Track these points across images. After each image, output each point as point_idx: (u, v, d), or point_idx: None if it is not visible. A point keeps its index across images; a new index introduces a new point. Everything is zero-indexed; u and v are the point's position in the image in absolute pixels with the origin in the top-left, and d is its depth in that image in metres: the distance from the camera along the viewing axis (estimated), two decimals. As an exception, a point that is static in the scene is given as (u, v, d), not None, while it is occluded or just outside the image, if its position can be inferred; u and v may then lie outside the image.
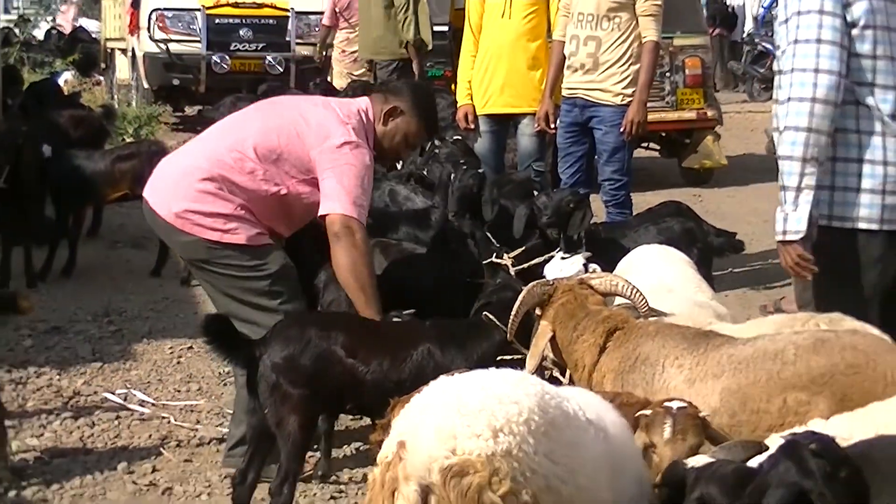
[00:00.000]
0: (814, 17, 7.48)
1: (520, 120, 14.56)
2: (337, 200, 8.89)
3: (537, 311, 7.54)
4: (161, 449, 9.97)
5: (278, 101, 10.50)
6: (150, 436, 10.28)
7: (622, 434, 6.07)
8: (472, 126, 14.88)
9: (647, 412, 6.31)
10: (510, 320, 7.57)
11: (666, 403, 6.31)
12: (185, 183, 9.22)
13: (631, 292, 7.63)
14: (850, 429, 6.00)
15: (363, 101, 9.66)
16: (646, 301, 7.61)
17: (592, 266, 8.43)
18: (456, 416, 5.37)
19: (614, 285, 7.69)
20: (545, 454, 5.37)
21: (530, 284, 7.72)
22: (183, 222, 9.08)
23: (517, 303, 7.54)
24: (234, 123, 9.98)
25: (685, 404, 6.28)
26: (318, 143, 9.14)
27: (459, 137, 14.96)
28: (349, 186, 8.90)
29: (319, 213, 9.05)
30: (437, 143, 14.23)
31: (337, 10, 22.32)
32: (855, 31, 7.57)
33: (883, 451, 5.70)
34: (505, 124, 14.83)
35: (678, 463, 5.82)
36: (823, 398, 6.58)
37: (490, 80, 14.64)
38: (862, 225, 7.71)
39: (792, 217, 7.59)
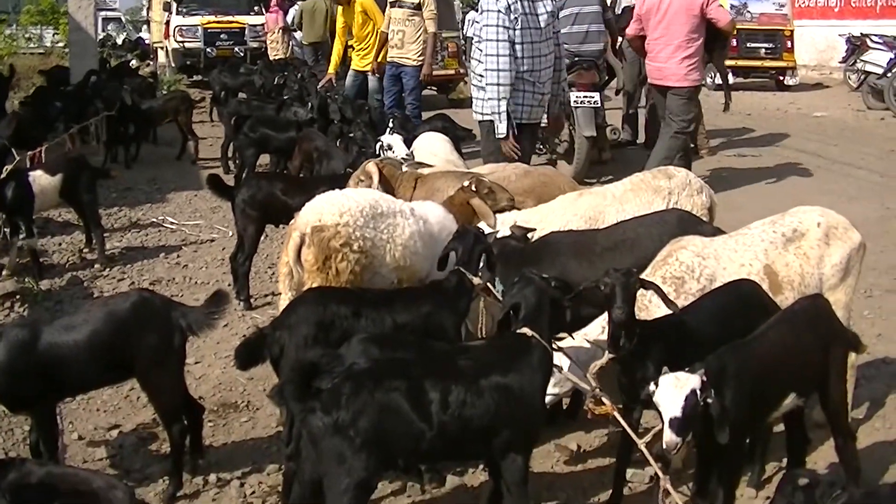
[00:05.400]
0: (493, 29, 8.60)
1: (367, 73, 14.67)
2: None
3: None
4: (182, 246, 10.42)
5: None
6: (175, 240, 10.70)
7: (442, 221, 6.45)
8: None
9: (468, 182, 6.90)
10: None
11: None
12: None
13: (397, 163, 8.03)
14: (535, 214, 6.83)
15: None
16: (413, 159, 8.21)
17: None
18: (325, 204, 5.95)
19: (389, 161, 8.02)
20: (372, 227, 5.91)
21: (366, 163, 7.84)
22: None
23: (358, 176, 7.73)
24: None
25: None
26: None
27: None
28: None
29: None
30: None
31: (269, 24, 23.49)
32: (514, 36, 8.65)
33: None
34: (361, 75, 14.87)
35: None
36: (531, 199, 7.28)
37: (358, 53, 14.93)
38: (513, 120, 8.90)
39: (502, 126, 8.72)
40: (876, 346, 7.24)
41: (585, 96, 12.36)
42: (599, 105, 12.68)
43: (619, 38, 14.39)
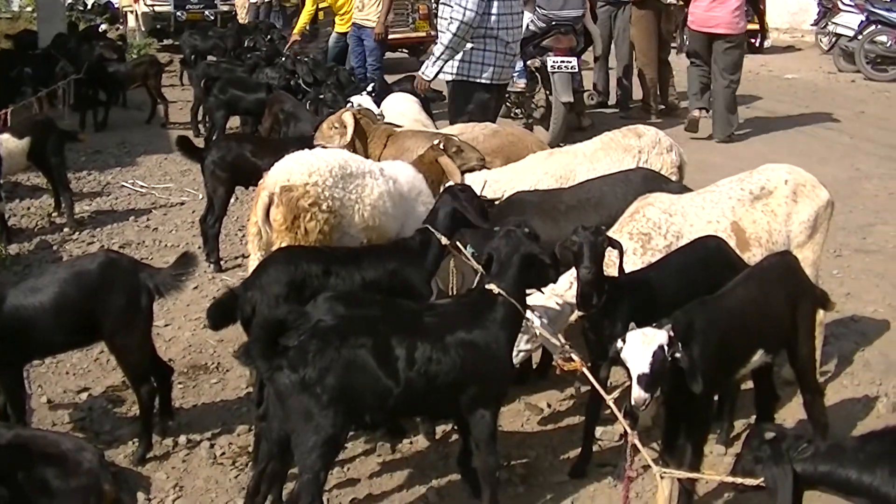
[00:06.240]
0: None
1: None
2: None
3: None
4: (152, 210, 10.33)
5: None
6: (145, 203, 10.61)
7: (412, 181, 6.38)
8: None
9: (437, 141, 6.82)
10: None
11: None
12: None
13: (374, 115, 7.98)
14: (506, 173, 6.82)
15: None
16: (383, 118, 8.05)
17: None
18: (295, 164, 5.87)
19: (368, 112, 7.96)
20: (341, 187, 5.84)
21: (343, 111, 7.84)
22: None
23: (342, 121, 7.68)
24: None
25: None
26: None
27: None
28: None
29: None
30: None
31: None
32: None
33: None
34: (343, 37, 14.90)
35: None
36: (498, 160, 7.26)
37: (341, 18, 14.93)
38: (484, 80, 8.77)
39: (431, 70, 8.81)
40: (845, 305, 7.32)
41: (563, 61, 12.23)
42: (577, 70, 12.56)
43: None
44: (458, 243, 5.47)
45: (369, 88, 10.26)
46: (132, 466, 5.38)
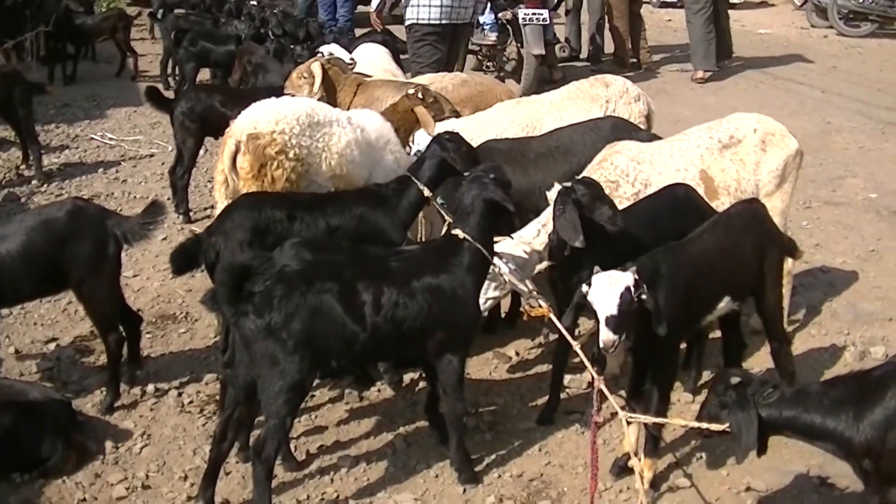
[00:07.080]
0: None
1: None
2: None
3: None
4: (121, 162, 10.22)
5: None
6: (114, 155, 10.47)
7: (379, 129, 6.21)
8: None
9: (413, 90, 6.65)
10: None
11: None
12: None
13: (344, 64, 7.84)
14: (473, 121, 6.75)
15: None
16: (354, 66, 7.93)
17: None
18: (262, 112, 5.73)
19: (338, 61, 7.79)
20: (308, 136, 5.70)
21: (311, 62, 7.69)
22: None
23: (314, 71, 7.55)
24: None
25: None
26: None
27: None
28: None
29: None
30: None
31: None
32: None
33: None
34: None
35: None
36: (467, 109, 7.18)
37: None
38: (433, 21, 9.05)
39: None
40: (814, 256, 7.39)
41: (534, 13, 12.15)
42: (548, 23, 12.50)
43: None
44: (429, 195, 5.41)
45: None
46: (100, 415, 5.37)
